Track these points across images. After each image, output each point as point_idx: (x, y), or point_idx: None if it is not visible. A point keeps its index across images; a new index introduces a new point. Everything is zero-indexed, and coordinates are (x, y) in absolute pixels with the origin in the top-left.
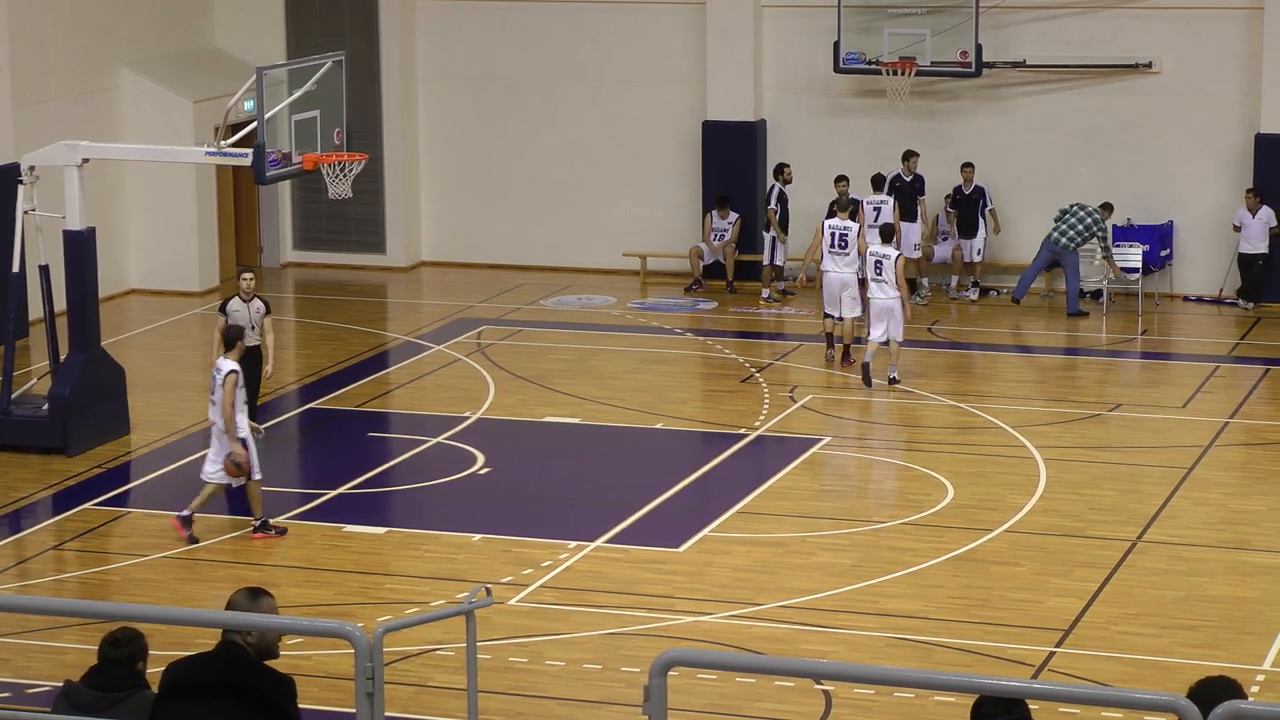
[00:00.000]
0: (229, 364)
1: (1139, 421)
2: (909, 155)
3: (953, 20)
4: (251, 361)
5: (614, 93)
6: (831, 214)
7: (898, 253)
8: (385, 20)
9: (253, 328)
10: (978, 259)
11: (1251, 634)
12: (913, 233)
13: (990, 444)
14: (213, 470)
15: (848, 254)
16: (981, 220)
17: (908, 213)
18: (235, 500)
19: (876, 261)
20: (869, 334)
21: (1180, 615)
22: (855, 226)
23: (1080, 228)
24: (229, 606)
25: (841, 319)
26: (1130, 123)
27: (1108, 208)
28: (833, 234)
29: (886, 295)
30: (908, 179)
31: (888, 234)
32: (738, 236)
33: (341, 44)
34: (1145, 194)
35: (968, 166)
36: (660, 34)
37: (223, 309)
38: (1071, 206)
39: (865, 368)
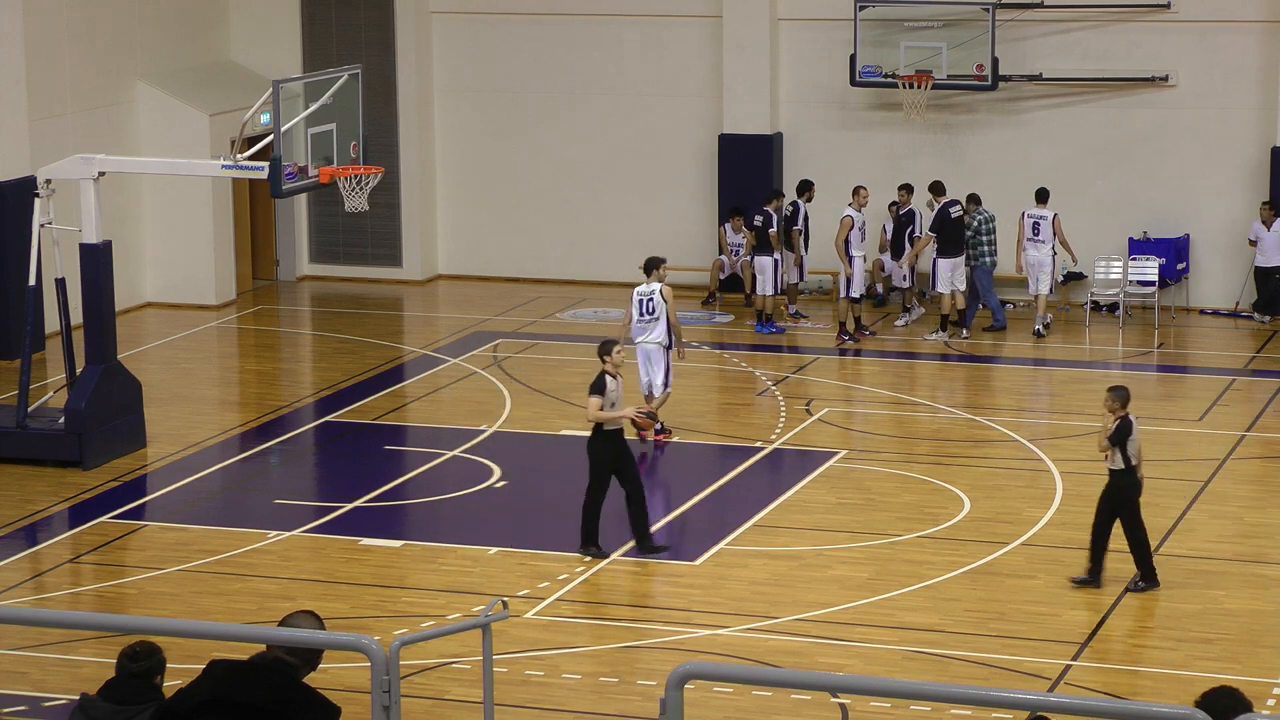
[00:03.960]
0: (655, 284)
1: (1155, 435)
2: (954, 196)
3: (969, 34)
4: (621, 438)
5: (630, 106)
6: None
7: (1054, 213)
8: (401, 34)
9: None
10: (904, 284)
11: (1268, 647)
12: (959, 267)
13: (1006, 457)
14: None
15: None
16: (907, 245)
17: (953, 248)
18: (245, 514)
19: (1034, 223)
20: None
21: (1197, 629)
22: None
23: (990, 238)
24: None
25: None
26: (1146, 136)
27: (975, 200)
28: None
29: (1041, 253)
30: (957, 213)
31: (1043, 196)
32: (750, 250)
33: (357, 57)
34: (1161, 207)
35: (904, 188)
36: (676, 48)
37: (599, 389)
38: (975, 231)
39: (1038, 330)
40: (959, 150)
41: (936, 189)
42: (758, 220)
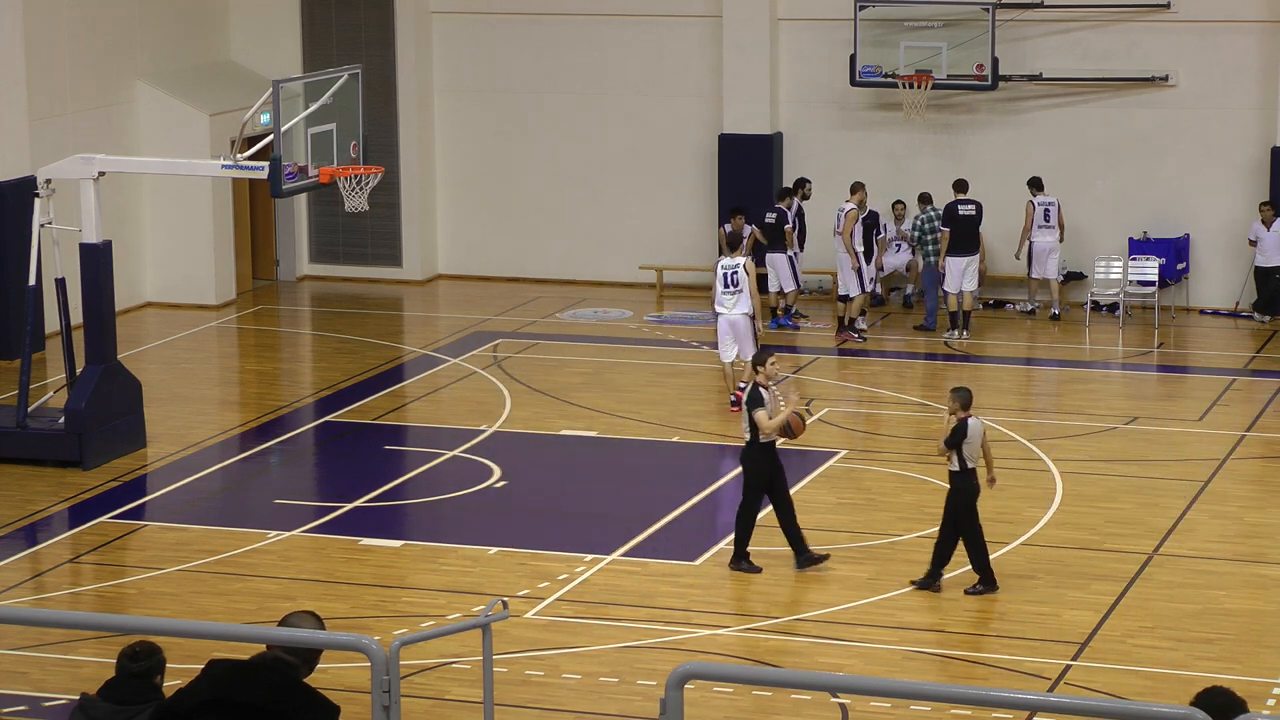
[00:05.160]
0: (739, 258)
1: (1155, 435)
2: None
3: (969, 34)
4: (775, 451)
5: (630, 106)
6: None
7: (1056, 199)
8: (401, 33)
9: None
10: (870, 286)
11: (1268, 647)
12: (969, 265)
13: (1006, 457)
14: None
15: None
16: (875, 247)
17: (962, 246)
18: (245, 514)
19: (1045, 209)
20: (1029, 275)
21: (1197, 629)
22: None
23: (934, 238)
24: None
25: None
26: (1146, 136)
27: (926, 199)
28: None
29: (1051, 239)
30: (966, 211)
31: (1040, 184)
32: (750, 249)
33: (357, 57)
34: (1161, 207)
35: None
36: (677, 48)
37: (763, 401)
38: (922, 231)
39: (1053, 313)
40: (959, 150)
41: (959, 186)
42: (770, 217)
